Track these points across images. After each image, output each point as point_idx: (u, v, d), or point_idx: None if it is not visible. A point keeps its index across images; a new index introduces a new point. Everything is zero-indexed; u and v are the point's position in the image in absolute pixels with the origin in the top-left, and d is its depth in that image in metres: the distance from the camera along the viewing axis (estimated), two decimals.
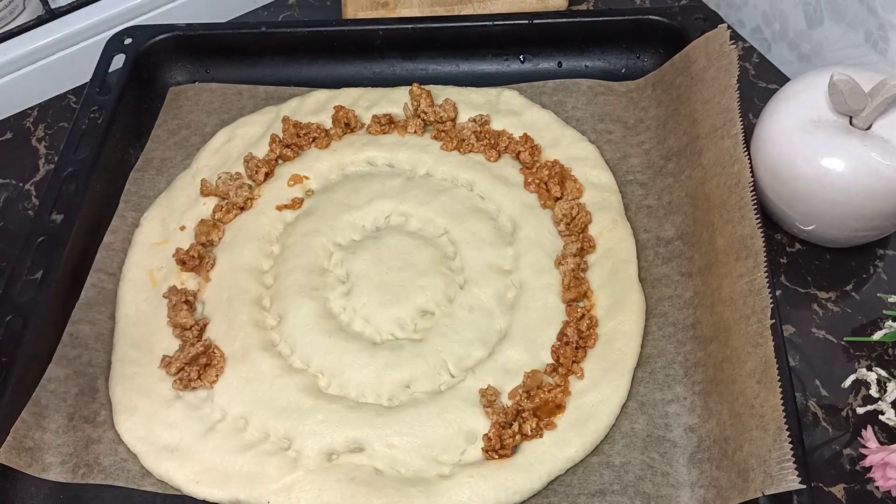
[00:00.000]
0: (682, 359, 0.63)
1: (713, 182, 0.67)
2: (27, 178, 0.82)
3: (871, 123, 0.66)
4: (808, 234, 0.70)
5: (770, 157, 0.68)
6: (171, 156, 0.78)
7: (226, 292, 0.69)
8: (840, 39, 0.76)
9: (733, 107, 0.67)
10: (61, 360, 0.64)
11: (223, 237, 0.72)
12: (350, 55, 0.66)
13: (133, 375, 0.65)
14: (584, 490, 0.59)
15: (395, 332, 0.66)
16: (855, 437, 0.62)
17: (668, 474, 0.59)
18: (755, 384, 0.56)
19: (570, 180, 0.73)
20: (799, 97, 0.68)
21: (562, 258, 0.69)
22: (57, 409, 0.62)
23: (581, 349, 0.64)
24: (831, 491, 0.60)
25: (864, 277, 0.70)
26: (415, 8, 0.87)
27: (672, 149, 0.73)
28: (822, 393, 0.64)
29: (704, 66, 0.72)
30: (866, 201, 0.64)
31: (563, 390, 0.62)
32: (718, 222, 0.65)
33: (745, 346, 0.58)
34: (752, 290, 0.59)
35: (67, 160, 0.73)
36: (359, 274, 0.69)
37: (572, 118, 0.78)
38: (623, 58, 0.82)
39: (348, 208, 0.73)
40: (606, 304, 0.67)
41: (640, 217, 0.72)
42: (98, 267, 0.70)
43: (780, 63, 0.84)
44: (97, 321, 0.67)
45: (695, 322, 0.64)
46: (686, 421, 0.61)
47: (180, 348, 0.65)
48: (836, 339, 0.67)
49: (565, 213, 0.71)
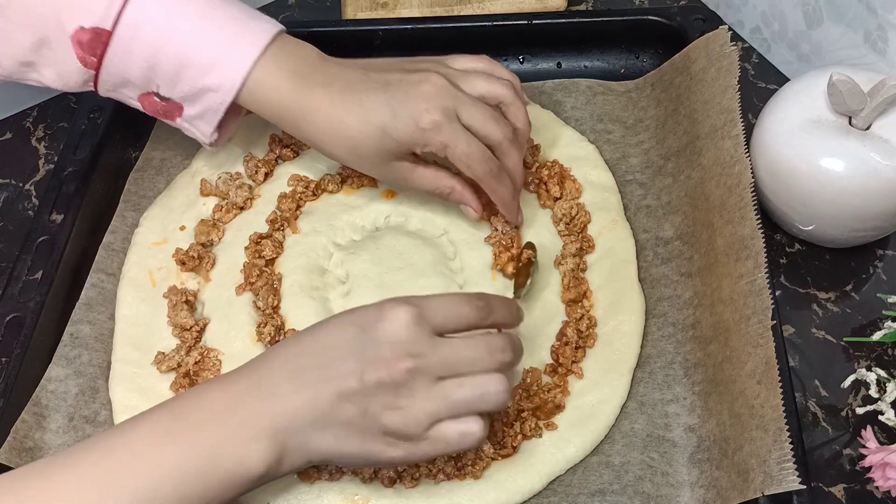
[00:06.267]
0: (681, 359, 0.63)
1: (713, 182, 0.67)
2: (27, 178, 0.82)
3: (870, 123, 0.66)
4: (807, 234, 0.70)
5: (769, 157, 0.68)
6: (171, 156, 0.78)
7: (226, 292, 0.69)
8: (839, 39, 0.76)
9: (734, 107, 0.67)
10: (61, 360, 0.64)
11: (223, 237, 0.72)
12: (350, 55, 0.66)
13: (133, 375, 0.65)
14: (583, 490, 0.59)
15: None
16: (855, 437, 0.62)
17: (668, 474, 0.59)
18: (755, 384, 0.56)
19: (570, 180, 0.73)
20: (798, 97, 0.68)
21: (561, 258, 0.69)
22: (57, 409, 0.62)
23: (581, 349, 0.64)
24: (831, 491, 0.60)
25: (864, 277, 0.70)
26: (414, 8, 0.87)
27: (671, 149, 0.73)
28: (822, 393, 0.64)
29: (704, 66, 0.72)
30: (866, 201, 0.64)
31: (563, 390, 0.62)
32: (718, 222, 0.65)
33: (745, 346, 0.58)
34: (752, 291, 0.59)
35: (67, 160, 0.73)
36: (359, 274, 0.69)
37: (571, 118, 0.78)
38: (622, 58, 0.82)
39: (348, 208, 0.73)
40: (606, 304, 0.67)
41: (639, 217, 0.72)
42: (98, 267, 0.70)
43: (780, 63, 0.84)
44: (97, 321, 0.67)
45: (694, 322, 0.64)
46: (686, 421, 0.61)
47: (177, 348, 0.65)
48: (835, 340, 0.67)
49: (564, 212, 0.71)
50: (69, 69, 0.64)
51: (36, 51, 0.63)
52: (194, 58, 0.63)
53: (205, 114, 0.66)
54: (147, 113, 0.68)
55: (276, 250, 0.70)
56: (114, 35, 0.62)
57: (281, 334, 0.65)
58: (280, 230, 0.72)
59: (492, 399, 0.51)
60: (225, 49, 0.63)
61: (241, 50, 0.63)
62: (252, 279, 0.68)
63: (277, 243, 0.71)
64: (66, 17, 0.61)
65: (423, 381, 0.50)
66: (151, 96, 0.66)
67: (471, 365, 0.51)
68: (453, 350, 0.51)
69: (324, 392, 0.50)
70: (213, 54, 0.63)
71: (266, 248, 0.70)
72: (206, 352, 0.65)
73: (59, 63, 0.64)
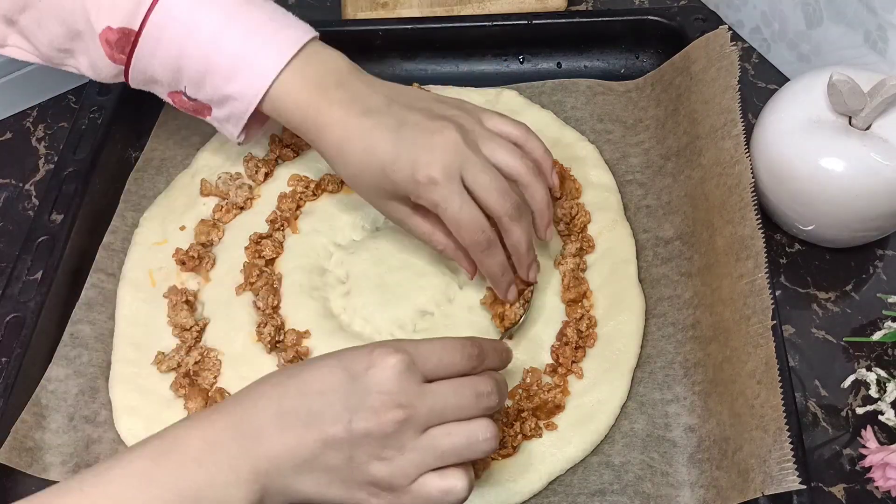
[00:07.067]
0: (681, 359, 0.63)
1: (713, 182, 0.67)
2: (27, 178, 0.82)
3: (870, 123, 0.66)
4: (807, 234, 0.70)
5: (769, 157, 0.68)
6: (171, 156, 0.78)
7: (226, 292, 0.69)
8: (839, 39, 0.76)
9: (734, 107, 0.67)
10: (61, 360, 0.64)
11: (223, 237, 0.72)
12: (349, 55, 0.66)
13: (133, 375, 0.65)
14: (583, 490, 0.59)
15: (394, 333, 0.66)
16: (855, 437, 0.62)
17: (668, 474, 0.59)
18: (755, 384, 0.56)
19: (570, 180, 0.73)
20: (798, 97, 0.68)
21: (561, 258, 0.69)
22: (57, 409, 0.62)
23: (581, 349, 0.64)
24: (831, 491, 0.60)
25: (864, 278, 0.70)
26: (414, 8, 0.87)
27: (671, 149, 0.73)
28: (822, 393, 0.64)
29: (704, 66, 0.72)
30: (866, 201, 0.64)
31: (563, 390, 0.62)
32: (718, 223, 0.65)
33: (745, 346, 0.58)
34: (752, 291, 0.59)
35: (67, 160, 0.73)
36: (359, 274, 0.69)
37: (571, 118, 0.78)
38: (622, 58, 0.82)
39: (348, 208, 0.73)
40: (606, 304, 0.67)
41: (639, 217, 0.72)
42: (98, 267, 0.70)
43: (780, 63, 0.84)
44: (97, 321, 0.67)
45: (694, 322, 0.64)
46: (686, 421, 0.61)
47: (177, 348, 0.65)
48: (835, 340, 0.67)
49: (564, 212, 0.71)
50: (100, 63, 0.64)
51: (71, 40, 0.63)
52: (218, 64, 0.62)
53: (230, 118, 0.65)
54: (180, 109, 0.67)
55: (276, 250, 0.70)
56: (141, 35, 0.62)
57: (281, 334, 0.65)
58: (280, 230, 0.72)
59: (480, 447, 0.50)
60: (250, 57, 0.62)
61: (266, 60, 0.62)
62: (252, 279, 0.68)
63: (277, 243, 0.71)
64: (93, 15, 0.61)
65: (411, 431, 0.49)
66: (180, 95, 0.66)
67: (458, 413, 0.50)
68: (442, 398, 0.50)
69: (308, 438, 0.48)
70: (236, 63, 0.62)
71: (266, 248, 0.70)
72: (206, 352, 0.65)
73: (90, 55, 0.64)
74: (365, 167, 0.61)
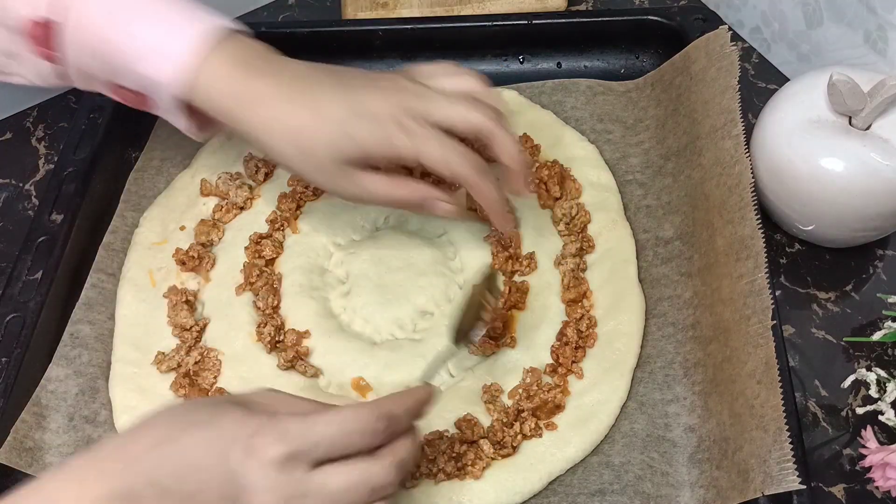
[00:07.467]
0: (681, 359, 0.63)
1: (713, 182, 0.67)
2: (27, 178, 0.82)
3: (870, 123, 0.66)
4: (807, 234, 0.70)
5: (769, 157, 0.68)
6: (171, 156, 0.78)
7: (226, 292, 0.69)
8: (839, 39, 0.76)
9: (734, 107, 0.67)
10: (61, 360, 0.64)
11: (223, 237, 0.72)
12: (350, 55, 0.66)
13: (133, 375, 0.65)
14: (583, 490, 0.59)
15: (394, 333, 0.66)
16: (855, 437, 0.62)
17: (668, 474, 0.59)
18: (755, 384, 0.56)
19: (570, 180, 0.73)
20: (798, 97, 0.68)
21: (561, 258, 0.69)
22: (57, 409, 0.62)
23: (581, 349, 0.64)
24: (831, 491, 0.60)
25: (864, 278, 0.70)
26: (414, 8, 0.87)
27: (671, 149, 0.73)
28: (822, 393, 0.64)
29: (704, 66, 0.72)
30: (866, 201, 0.64)
31: (563, 390, 0.62)
32: (718, 223, 0.65)
33: (745, 346, 0.58)
34: (752, 291, 0.59)
35: (67, 160, 0.73)
36: (359, 274, 0.69)
37: (571, 118, 0.78)
38: (622, 58, 0.82)
39: (348, 208, 0.73)
40: (606, 304, 0.67)
41: (639, 217, 0.72)
42: (98, 267, 0.70)
43: (780, 63, 0.84)
44: (97, 321, 0.67)
45: (694, 322, 0.64)
46: (686, 421, 0.61)
47: (177, 348, 0.65)
48: (835, 340, 0.67)
49: (564, 212, 0.71)
50: (39, 65, 0.62)
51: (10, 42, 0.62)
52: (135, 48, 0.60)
53: (170, 107, 0.63)
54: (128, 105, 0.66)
55: (276, 250, 0.70)
56: (64, 27, 0.60)
57: (281, 334, 0.65)
58: (280, 230, 0.72)
59: None
60: (166, 38, 0.60)
61: (182, 40, 0.59)
62: (252, 279, 0.68)
63: (277, 243, 0.71)
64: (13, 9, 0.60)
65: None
66: (121, 89, 0.63)
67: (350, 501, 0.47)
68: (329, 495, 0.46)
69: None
70: (153, 44, 0.60)
71: (266, 248, 0.70)
72: (206, 352, 0.65)
73: (26, 56, 0.62)
74: (315, 132, 0.58)
